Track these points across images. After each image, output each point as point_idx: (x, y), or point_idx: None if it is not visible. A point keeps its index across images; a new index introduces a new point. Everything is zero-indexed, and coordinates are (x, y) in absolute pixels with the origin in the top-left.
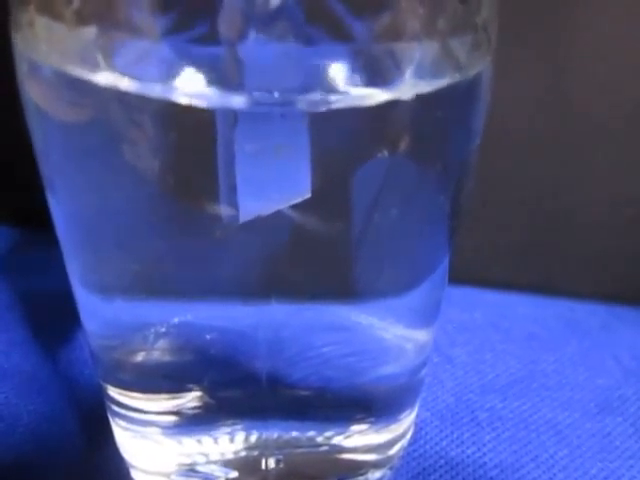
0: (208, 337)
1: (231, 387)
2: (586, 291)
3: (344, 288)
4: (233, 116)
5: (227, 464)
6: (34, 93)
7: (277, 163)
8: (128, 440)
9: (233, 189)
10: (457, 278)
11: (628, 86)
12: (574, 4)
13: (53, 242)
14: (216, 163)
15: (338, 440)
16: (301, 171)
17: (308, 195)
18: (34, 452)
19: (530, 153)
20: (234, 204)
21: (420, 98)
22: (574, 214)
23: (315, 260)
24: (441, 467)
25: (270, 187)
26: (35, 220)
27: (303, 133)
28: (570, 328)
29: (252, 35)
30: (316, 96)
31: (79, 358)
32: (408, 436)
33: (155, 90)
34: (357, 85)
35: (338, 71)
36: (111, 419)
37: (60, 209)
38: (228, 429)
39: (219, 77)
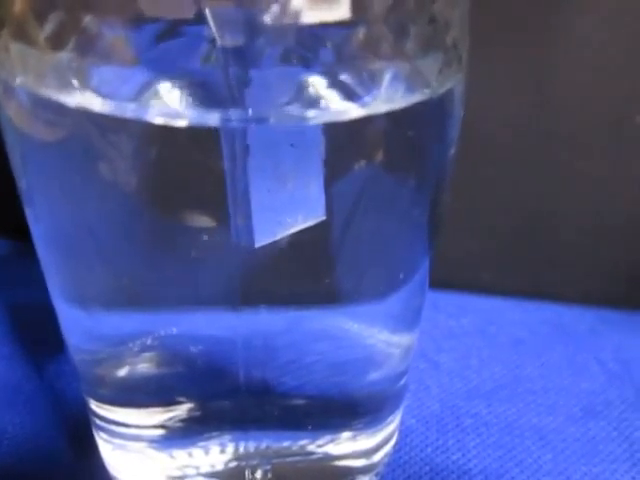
0: (195, 349)
1: (220, 398)
2: (573, 296)
3: (329, 295)
4: (235, 138)
5: (216, 476)
6: (11, 112)
7: (290, 186)
8: (113, 454)
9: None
10: (444, 284)
11: (613, 93)
12: (557, 10)
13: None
14: (193, 177)
15: (328, 447)
16: (315, 192)
17: (323, 217)
18: (19, 465)
19: (516, 160)
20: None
21: (393, 114)
22: (560, 220)
23: (298, 268)
24: (426, 474)
25: (284, 211)
26: (20, 232)
27: (317, 154)
28: (556, 333)
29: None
30: (293, 111)
31: (65, 371)
32: (393, 441)
33: (129, 110)
34: (333, 101)
35: (314, 88)
36: (95, 433)
37: (38, 224)
38: (217, 441)
39: (195, 95)
